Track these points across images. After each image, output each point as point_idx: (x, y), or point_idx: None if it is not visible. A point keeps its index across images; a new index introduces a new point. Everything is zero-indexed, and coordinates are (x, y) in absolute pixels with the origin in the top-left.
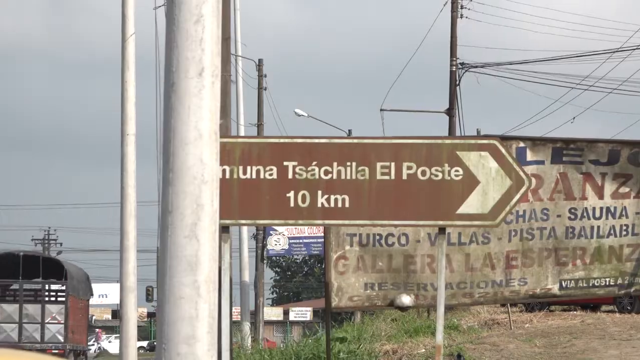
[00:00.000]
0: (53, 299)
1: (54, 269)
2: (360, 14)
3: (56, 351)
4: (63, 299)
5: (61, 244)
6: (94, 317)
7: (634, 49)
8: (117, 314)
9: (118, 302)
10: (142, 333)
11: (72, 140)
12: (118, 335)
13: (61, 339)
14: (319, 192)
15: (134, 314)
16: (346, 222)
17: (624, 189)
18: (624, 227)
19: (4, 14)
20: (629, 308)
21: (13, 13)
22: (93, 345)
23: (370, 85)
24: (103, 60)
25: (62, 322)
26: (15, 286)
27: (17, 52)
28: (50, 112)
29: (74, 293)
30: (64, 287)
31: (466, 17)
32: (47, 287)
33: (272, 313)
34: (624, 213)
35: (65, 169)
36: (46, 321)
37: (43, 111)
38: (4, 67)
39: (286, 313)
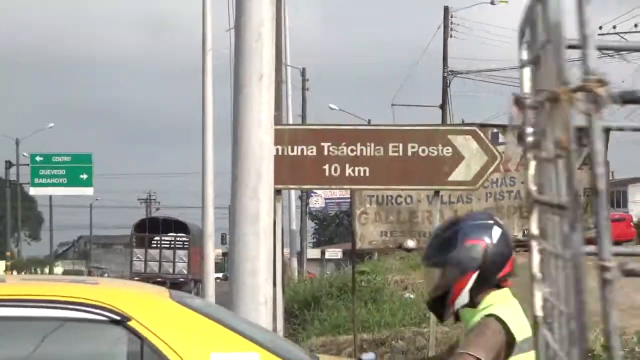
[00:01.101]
0: (180, 246)
1: (181, 227)
2: (376, 31)
3: (182, 279)
4: (187, 246)
5: (159, 203)
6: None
7: (577, 60)
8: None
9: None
10: (218, 267)
11: (166, 127)
12: None
13: (185, 272)
14: (347, 165)
15: (212, 254)
16: (367, 187)
17: None
18: None
19: (105, 33)
20: None
21: (111, 30)
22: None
23: (384, 86)
24: (184, 69)
25: (186, 261)
26: (157, 238)
27: (122, 63)
28: (153, 109)
29: (194, 242)
30: (187, 239)
31: (454, 37)
32: (176, 239)
33: (313, 253)
34: None
35: (160, 147)
36: (176, 260)
37: (148, 108)
38: (112, 75)
39: (323, 253)
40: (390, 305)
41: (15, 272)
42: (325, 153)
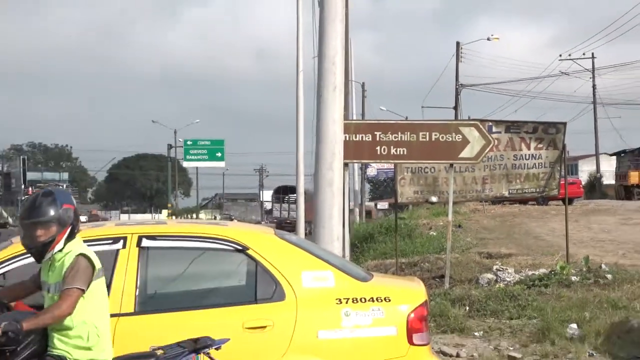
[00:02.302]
0: None
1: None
2: (411, 57)
3: None
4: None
5: (268, 172)
6: None
7: (545, 77)
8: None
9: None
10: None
11: (272, 121)
12: None
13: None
14: (392, 147)
15: (302, 206)
16: (405, 161)
17: (540, 145)
18: (540, 164)
19: (230, 57)
20: (542, 202)
21: (231, 55)
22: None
23: (417, 94)
24: (283, 82)
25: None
26: (286, 197)
27: (242, 78)
28: (263, 109)
29: (308, 199)
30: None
31: (463, 62)
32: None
33: (368, 205)
34: (540, 157)
35: (268, 135)
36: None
37: (260, 108)
38: (234, 86)
39: (376, 205)
40: (420, 239)
41: (173, 217)
42: (377, 139)
